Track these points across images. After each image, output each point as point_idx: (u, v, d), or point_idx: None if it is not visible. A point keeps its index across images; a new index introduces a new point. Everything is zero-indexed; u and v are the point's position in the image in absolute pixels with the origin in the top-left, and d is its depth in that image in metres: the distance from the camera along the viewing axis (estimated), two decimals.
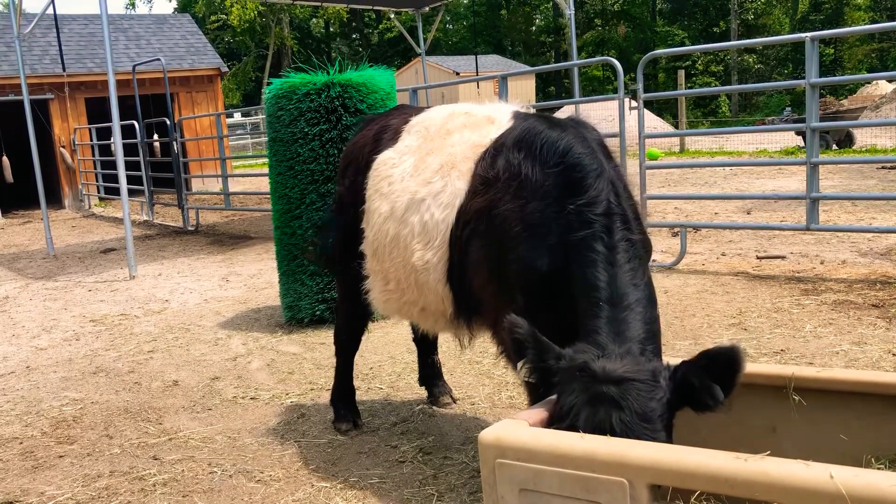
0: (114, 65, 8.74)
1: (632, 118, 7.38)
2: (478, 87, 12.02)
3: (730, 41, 32.99)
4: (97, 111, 17.82)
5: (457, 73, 36.16)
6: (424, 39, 14.92)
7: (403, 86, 9.93)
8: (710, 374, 2.03)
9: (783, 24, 44.37)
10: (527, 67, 38.64)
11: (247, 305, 7.01)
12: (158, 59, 14.48)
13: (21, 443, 4.15)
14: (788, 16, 44.73)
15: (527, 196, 2.61)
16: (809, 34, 6.37)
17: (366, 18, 53.65)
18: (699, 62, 42.79)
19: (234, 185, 17.33)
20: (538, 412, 2.20)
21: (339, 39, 54.35)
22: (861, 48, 40.75)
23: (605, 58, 7.82)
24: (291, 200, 5.85)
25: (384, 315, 4.13)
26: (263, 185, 11.72)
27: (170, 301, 7.45)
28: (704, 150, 19.01)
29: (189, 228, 12.87)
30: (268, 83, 6.09)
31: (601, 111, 14.48)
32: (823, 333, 4.84)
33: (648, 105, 14.73)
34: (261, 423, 4.18)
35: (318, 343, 5.60)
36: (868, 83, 24.51)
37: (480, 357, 4.88)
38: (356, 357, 4.14)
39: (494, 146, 2.88)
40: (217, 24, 48.38)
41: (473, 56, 31.56)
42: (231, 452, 3.81)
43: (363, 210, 3.48)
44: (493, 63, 40.36)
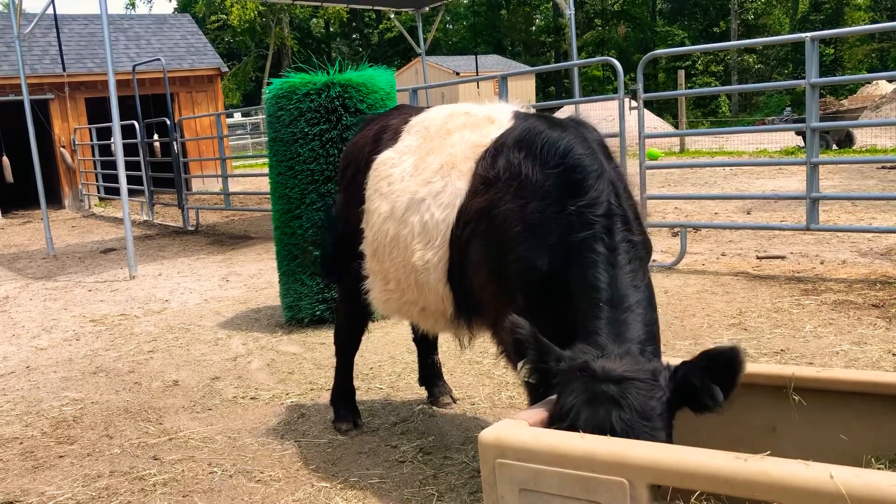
0: (114, 65, 8.74)
1: (632, 118, 7.38)
2: (478, 87, 12.01)
3: (730, 41, 32.99)
4: (97, 111, 17.83)
5: (457, 73, 36.17)
6: (424, 39, 14.92)
7: (403, 86, 9.93)
8: (711, 375, 2.03)
9: (783, 24, 44.38)
10: (527, 67, 38.65)
11: (247, 305, 7.01)
12: (158, 59, 14.48)
13: (21, 443, 4.15)
14: (788, 16, 44.74)
15: (527, 196, 2.61)
16: (809, 34, 6.37)
17: (366, 18, 53.66)
18: (699, 62, 42.80)
19: (234, 185, 17.33)
20: (538, 412, 2.20)
21: (339, 39, 54.36)
22: (861, 48, 40.76)
23: (605, 58, 7.82)
24: (291, 200, 5.85)
25: (384, 315, 4.13)
26: (263, 185, 11.72)
27: (170, 301, 7.45)
28: (704, 150, 19.01)
29: (189, 228, 12.87)
30: (268, 83, 6.10)
31: (601, 111, 14.46)
32: (823, 333, 4.84)
33: (648, 105, 14.73)
34: (261, 423, 4.18)
35: (318, 343, 5.60)
36: (868, 83, 24.52)
37: (480, 357, 4.88)
38: (356, 357, 4.14)
39: (495, 146, 2.87)
40: (217, 24, 48.39)
41: (473, 56, 31.58)
42: (231, 452, 3.81)
43: (363, 210, 3.48)
44: (493, 63, 40.37)
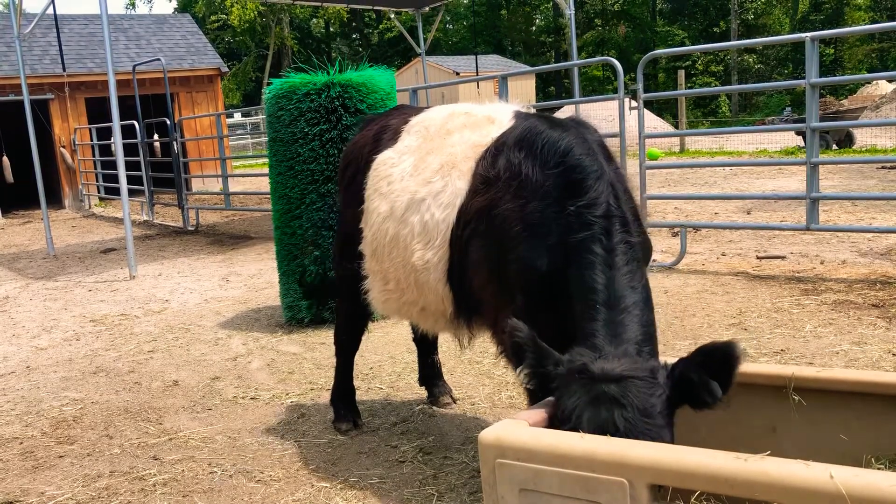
0: (114, 65, 8.74)
1: (632, 118, 7.38)
2: (478, 87, 12.00)
3: (730, 41, 32.99)
4: (97, 111, 17.83)
5: (457, 73, 36.17)
6: (424, 39, 14.92)
7: (403, 86, 9.93)
8: (708, 370, 2.03)
9: (783, 24, 44.38)
10: (527, 67, 38.65)
11: (247, 305, 7.01)
12: (158, 59, 14.48)
13: (21, 443, 4.15)
14: (788, 16, 44.74)
15: (527, 196, 2.61)
16: (809, 34, 6.37)
17: (366, 18, 53.66)
18: (699, 62, 42.80)
19: (234, 185, 17.34)
20: (538, 412, 2.20)
21: (339, 39, 54.36)
22: (861, 48, 40.76)
23: (605, 58, 7.82)
24: (291, 200, 5.85)
25: (384, 315, 4.12)
26: (263, 185, 11.72)
27: (170, 301, 7.45)
28: (704, 150, 19.01)
29: (189, 228, 12.87)
30: (268, 83, 6.10)
31: (601, 111, 14.45)
32: (823, 333, 4.84)
33: (648, 105, 14.72)
34: (261, 423, 4.18)
35: (318, 343, 5.60)
36: (868, 83, 24.52)
37: (480, 357, 4.88)
38: (356, 357, 4.14)
39: (496, 145, 2.87)
40: (217, 24, 48.40)
41: (473, 56, 31.58)
42: (231, 452, 3.81)
43: (362, 210, 3.48)
44: (493, 63, 40.37)
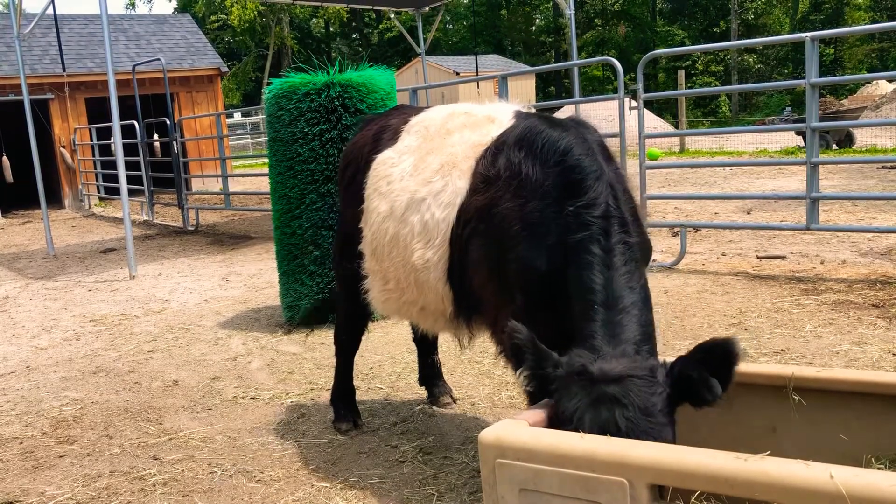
0: (114, 65, 8.74)
1: (632, 118, 7.38)
2: (478, 87, 12.01)
3: (730, 41, 32.99)
4: (97, 111, 17.83)
5: (457, 73, 36.17)
6: (424, 39, 14.91)
7: (403, 86, 9.92)
8: (707, 367, 2.03)
9: (783, 24, 44.38)
10: (527, 67, 38.65)
11: (247, 305, 7.01)
12: (158, 59, 14.48)
13: (21, 443, 4.15)
14: (788, 16, 44.74)
15: (527, 195, 2.61)
16: (809, 34, 6.37)
17: (366, 18, 53.66)
18: (699, 62, 42.80)
19: (234, 185, 17.33)
20: (538, 412, 2.20)
21: (339, 39, 54.35)
22: (861, 48, 40.76)
23: (605, 58, 7.82)
24: (291, 200, 5.85)
25: (384, 315, 4.12)
26: (263, 185, 11.72)
27: (170, 301, 7.45)
28: (704, 150, 19.00)
29: (189, 228, 12.87)
30: (268, 83, 6.10)
31: (601, 111, 14.46)
32: (823, 333, 4.84)
33: (648, 105, 14.72)
34: (261, 423, 4.18)
35: (318, 343, 5.60)
36: (868, 83, 24.52)
37: (480, 357, 4.88)
38: (356, 357, 4.14)
39: (496, 144, 2.87)
40: (217, 24, 48.40)
41: (473, 56, 31.58)
42: (231, 452, 3.81)
43: (362, 209, 3.48)
44: (493, 63, 40.37)
